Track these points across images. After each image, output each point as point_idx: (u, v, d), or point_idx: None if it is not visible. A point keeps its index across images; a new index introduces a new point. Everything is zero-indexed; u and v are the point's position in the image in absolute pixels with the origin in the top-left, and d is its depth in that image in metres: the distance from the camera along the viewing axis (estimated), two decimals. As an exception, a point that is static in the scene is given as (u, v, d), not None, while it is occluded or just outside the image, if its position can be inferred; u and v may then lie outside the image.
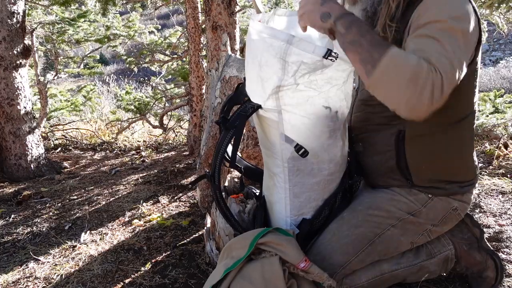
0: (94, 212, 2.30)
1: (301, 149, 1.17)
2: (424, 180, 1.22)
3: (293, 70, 1.07)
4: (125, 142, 4.58)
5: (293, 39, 1.03)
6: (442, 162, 1.21)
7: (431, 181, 1.22)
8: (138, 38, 4.47)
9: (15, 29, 3.01)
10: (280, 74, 1.09)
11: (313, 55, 1.04)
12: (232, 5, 2.77)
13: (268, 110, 1.17)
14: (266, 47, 1.08)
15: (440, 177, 1.22)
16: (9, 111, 3.03)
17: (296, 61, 1.06)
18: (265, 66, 1.10)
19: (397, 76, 0.90)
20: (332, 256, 1.23)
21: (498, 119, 3.16)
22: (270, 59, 1.09)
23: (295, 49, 1.04)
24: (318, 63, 1.05)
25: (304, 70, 1.07)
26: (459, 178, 1.24)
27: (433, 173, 1.21)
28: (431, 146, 1.19)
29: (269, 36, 1.07)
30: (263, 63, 1.11)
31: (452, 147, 1.20)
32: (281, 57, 1.06)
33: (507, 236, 1.68)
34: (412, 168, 1.21)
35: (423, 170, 1.21)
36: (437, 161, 1.21)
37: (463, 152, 1.23)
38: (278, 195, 1.28)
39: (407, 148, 1.20)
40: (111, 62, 17.57)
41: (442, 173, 1.22)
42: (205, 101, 3.19)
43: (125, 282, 1.52)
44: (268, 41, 1.07)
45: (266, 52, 1.09)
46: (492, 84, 8.81)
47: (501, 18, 3.44)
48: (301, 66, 1.07)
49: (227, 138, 1.21)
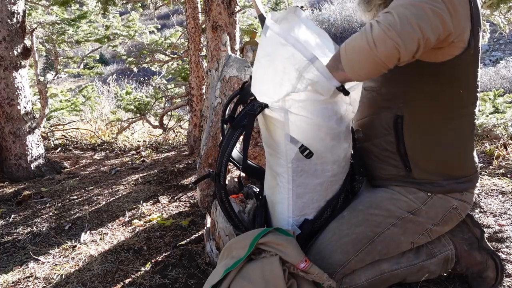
0: (94, 212, 2.30)
1: (305, 150, 1.17)
2: (422, 170, 1.23)
3: (306, 83, 1.11)
4: (125, 142, 4.58)
5: (316, 61, 1.07)
6: (441, 153, 1.22)
7: (429, 172, 1.22)
8: (138, 38, 4.47)
9: (15, 29, 3.01)
10: (294, 82, 1.11)
11: (328, 83, 1.08)
12: (232, 5, 2.77)
13: (274, 110, 1.18)
14: (287, 55, 1.09)
15: (438, 169, 1.22)
16: (9, 111, 3.03)
17: (311, 79, 1.09)
18: (281, 72, 1.12)
19: (352, 46, 1.04)
20: (332, 255, 1.23)
21: (498, 119, 3.16)
22: (288, 66, 1.11)
23: (315, 70, 1.08)
24: (330, 90, 1.11)
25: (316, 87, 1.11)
26: (457, 172, 1.24)
27: (431, 163, 1.22)
28: (429, 135, 1.21)
29: (292, 47, 1.08)
30: (280, 69, 1.12)
31: (451, 138, 1.21)
32: (299, 69, 1.09)
33: (507, 236, 1.68)
34: (410, 155, 1.22)
35: (420, 158, 1.22)
36: (434, 151, 1.22)
37: (463, 145, 1.24)
38: (281, 195, 1.28)
39: (406, 134, 1.22)
40: (111, 62, 17.58)
41: (440, 165, 1.22)
42: (205, 101, 3.19)
43: (125, 282, 1.52)
44: (290, 50, 1.08)
45: (285, 59, 1.10)
46: (492, 84, 8.81)
47: (501, 18, 3.44)
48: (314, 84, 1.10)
49: (234, 137, 1.21)
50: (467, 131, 1.24)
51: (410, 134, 1.21)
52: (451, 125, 1.20)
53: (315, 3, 19.21)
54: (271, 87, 1.17)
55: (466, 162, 1.26)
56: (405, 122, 1.21)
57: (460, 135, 1.23)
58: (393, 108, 1.23)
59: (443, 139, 1.21)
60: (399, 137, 1.23)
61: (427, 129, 1.20)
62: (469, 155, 1.26)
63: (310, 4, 19.37)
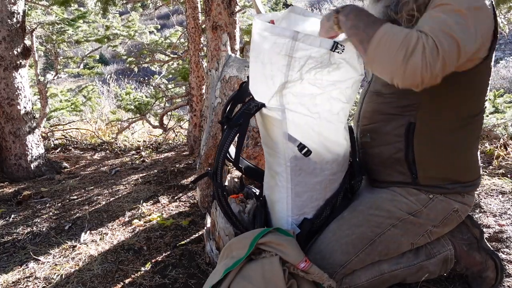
0: (94, 212, 2.30)
1: (304, 148, 1.17)
2: (429, 177, 1.22)
3: (299, 65, 1.09)
4: (125, 142, 4.57)
5: (298, 35, 1.05)
6: (449, 160, 1.21)
7: (435, 179, 1.22)
8: (138, 38, 4.47)
9: (15, 29, 3.01)
10: (285, 71, 1.10)
11: (320, 48, 1.06)
12: (232, 5, 2.77)
13: (271, 109, 1.18)
14: (269, 45, 1.09)
15: (445, 175, 1.22)
16: (9, 111, 3.03)
17: (304, 56, 1.07)
18: (269, 64, 1.11)
19: (388, 45, 0.95)
20: (332, 255, 1.23)
21: (498, 119, 3.16)
22: (273, 56, 1.09)
23: (302, 44, 1.06)
24: (325, 56, 1.07)
25: (311, 64, 1.08)
26: (463, 178, 1.24)
27: (439, 170, 1.22)
28: (440, 143, 1.20)
29: (271, 34, 1.08)
30: (267, 61, 1.11)
31: (460, 145, 1.21)
32: (287, 53, 1.07)
33: (507, 236, 1.68)
34: (419, 162, 1.21)
35: (429, 166, 1.21)
36: (444, 158, 1.21)
37: (470, 151, 1.24)
38: (280, 194, 1.28)
39: (416, 141, 1.20)
40: (111, 62, 17.57)
41: (447, 171, 1.22)
42: (205, 101, 3.19)
43: (125, 282, 1.52)
44: (271, 39, 1.08)
45: (269, 50, 1.10)
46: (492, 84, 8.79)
47: (501, 18, 3.44)
48: (308, 61, 1.08)
49: (230, 136, 1.21)
50: (474, 137, 1.24)
51: (420, 141, 1.20)
52: (461, 132, 1.20)
53: (315, 3, 19.21)
54: (263, 82, 1.17)
55: (472, 167, 1.26)
56: (417, 129, 1.19)
57: (469, 141, 1.22)
58: (406, 116, 1.20)
59: (452, 146, 1.20)
60: (409, 144, 1.21)
61: (437, 136, 1.19)
62: (475, 160, 1.26)
63: (310, 4, 19.38)
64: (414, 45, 0.92)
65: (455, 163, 1.22)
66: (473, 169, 1.27)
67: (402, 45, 0.93)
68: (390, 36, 0.96)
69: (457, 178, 1.23)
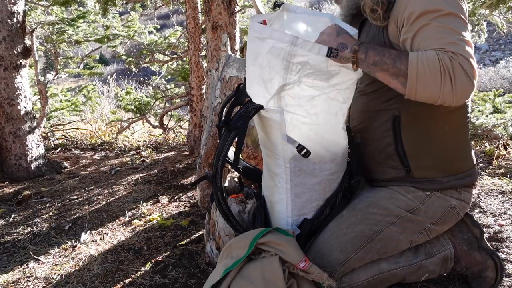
0: (94, 212, 2.30)
1: (303, 149, 1.17)
2: (422, 168, 1.23)
3: (297, 69, 1.09)
4: (125, 142, 4.58)
5: (297, 40, 1.05)
6: (438, 148, 1.23)
7: (428, 170, 1.23)
8: (138, 38, 4.47)
9: (15, 29, 3.01)
10: (282, 74, 1.10)
11: (318, 56, 1.06)
12: (232, 5, 2.77)
13: (270, 111, 1.18)
14: (268, 49, 1.09)
15: (437, 164, 1.23)
16: (9, 111, 3.03)
17: (301, 62, 1.08)
18: (267, 67, 1.11)
19: (429, 75, 0.99)
20: (331, 254, 1.23)
21: (498, 119, 3.16)
22: (272, 59, 1.09)
23: (300, 50, 1.06)
24: (323, 64, 1.08)
25: (309, 70, 1.09)
26: (456, 166, 1.25)
27: (430, 159, 1.23)
28: (426, 130, 1.22)
29: (270, 37, 1.07)
30: (265, 64, 1.11)
31: (446, 132, 1.23)
32: (285, 58, 1.07)
33: (507, 236, 1.69)
34: (409, 154, 1.23)
35: (420, 155, 1.23)
36: (433, 145, 1.23)
37: (457, 138, 1.26)
38: (279, 195, 1.28)
39: (403, 134, 1.23)
40: (111, 62, 17.58)
41: (438, 159, 1.23)
42: (205, 101, 3.19)
43: (125, 282, 1.52)
44: (270, 43, 1.08)
45: (267, 54, 1.09)
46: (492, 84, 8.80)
47: (500, 18, 3.44)
48: (305, 66, 1.08)
49: (229, 139, 1.21)
50: (461, 123, 1.26)
51: (407, 132, 1.23)
52: (446, 119, 1.22)
53: (315, 3, 19.22)
54: (261, 85, 1.17)
55: (463, 155, 1.28)
56: (402, 121, 1.22)
57: (455, 127, 1.24)
58: (390, 109, 1.24)
59: (438, 133, 1.22)
60: (397, 137, 1.24)
61: (422, 124, 1.22)
62: (465, 148, 1.28)
63: (310, 4, 19.37)
64: (451, 67, 0.97)
65: (444, 150, 1.24)
66: (464, 158, 1.28)
67: (444, 72, 0.98)
68: (425, 64, 1.00)
69: (448, 167, 1.24)
